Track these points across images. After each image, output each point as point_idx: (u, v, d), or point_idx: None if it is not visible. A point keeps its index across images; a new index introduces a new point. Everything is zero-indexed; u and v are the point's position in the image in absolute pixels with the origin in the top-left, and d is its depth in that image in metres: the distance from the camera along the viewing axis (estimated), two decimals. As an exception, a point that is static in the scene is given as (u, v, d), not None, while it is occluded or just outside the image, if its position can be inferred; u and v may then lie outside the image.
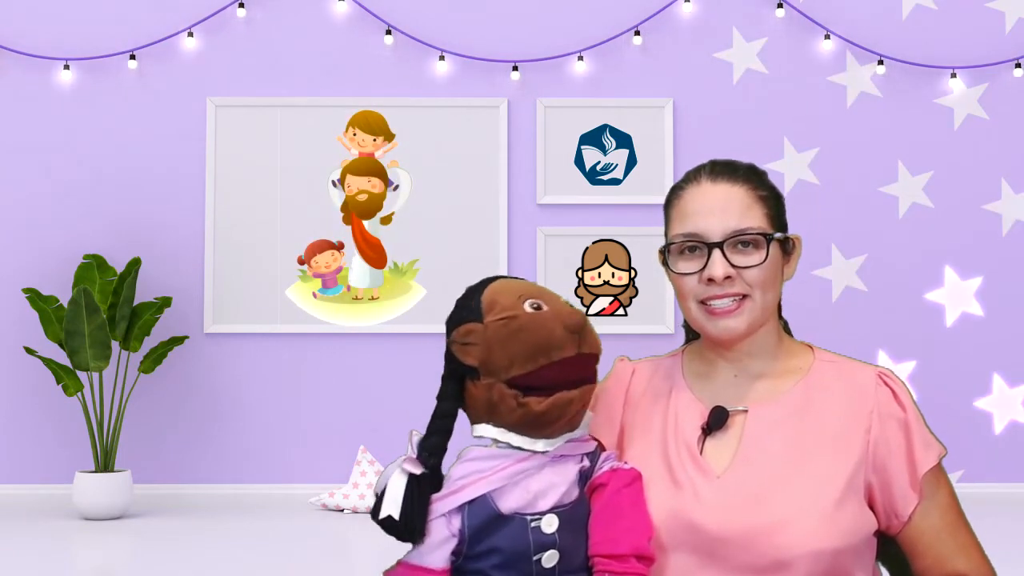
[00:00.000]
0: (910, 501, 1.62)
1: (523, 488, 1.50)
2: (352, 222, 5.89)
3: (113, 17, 5.90)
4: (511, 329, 1.51)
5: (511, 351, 1.50)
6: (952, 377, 5.85)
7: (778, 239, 1.66)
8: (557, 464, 1.53)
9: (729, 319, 1.64)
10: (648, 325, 5.84)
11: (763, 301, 1.64)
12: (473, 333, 1.53)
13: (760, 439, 1.62)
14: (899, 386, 1.66)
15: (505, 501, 1.49)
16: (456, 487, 1.50)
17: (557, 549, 1.49)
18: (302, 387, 5.85)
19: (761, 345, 1.68)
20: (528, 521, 1.49)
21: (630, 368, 1.78)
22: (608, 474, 1.55)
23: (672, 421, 1.68)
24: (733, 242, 1.63)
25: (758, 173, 1.70)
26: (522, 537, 1.48)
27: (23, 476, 5.77)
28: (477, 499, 1.49)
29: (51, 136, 5.85)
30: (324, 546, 4.66)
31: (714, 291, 1.63)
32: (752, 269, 1.63)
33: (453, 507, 1.49)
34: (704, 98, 5.92)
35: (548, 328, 1.50)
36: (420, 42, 5.93)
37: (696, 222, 1.64)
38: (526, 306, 1.52)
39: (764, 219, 1.65)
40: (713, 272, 1.62)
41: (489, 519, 1.48)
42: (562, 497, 1.51)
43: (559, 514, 1.50)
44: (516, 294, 1.54)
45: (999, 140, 5.91)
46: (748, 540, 1.54)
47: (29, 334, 5.67)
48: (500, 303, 1.54)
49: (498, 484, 1.49)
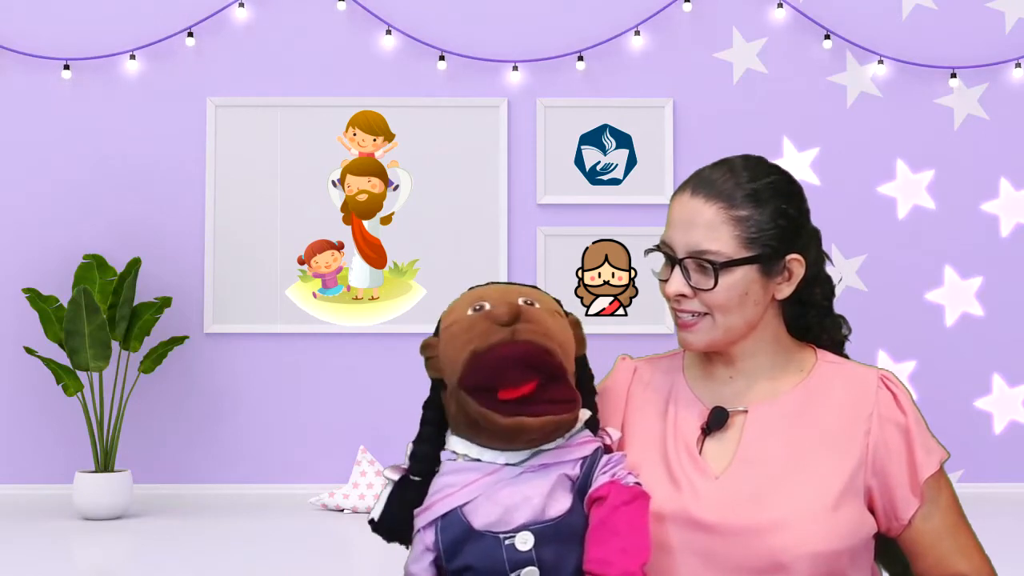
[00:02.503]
0: (911, 505, 1.61)
1: (493, 502, 1.47)
2: (352, 222, 5.89)
3: (113, 17, 5.90)
4: (450, 334, 1.52)
5: (450, 355, 1.51)
6: (952, 377, 5.84)
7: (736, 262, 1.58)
8: (534, 475, 1.49)
9: (688, 333, 1.64)
10: (648, 325, 5.84)
11: (725, 322, 1.62)
12: (430, 347, 1.56)
13: (760, 440, 1.62)
14: (900, 390, 1.65)
15: (476, 516, 1.47)
16: (430, 502, 1.50)
17: (536, 566, 1.45)
18: (302, 387, 5.85)
19: (755, 349, 1.67)
20: (501, 539, 1.45)
21: (631, 366, 1.78)
22: (607, 487, 1.49)
23: (672, 421, 1.67)
24: (693, 261, 1.60)
25: (746, 190, 1.61)
26: (495, 555, 1.45)
27: (23, 476, 5.76)
28: (449, 514, 1.48)
29: (51, 136, 5.85)
30: (324, 546, 4.66)
31: (675, 305, 1.64)
32: (707, 292, 1.60)
33: (427, 522, 1.49)
34: (704, 98, 5.91)
35: (476, 324, 1.50)
36: (420, 42, 5.93)
37: (669, 232, 1.64)
38: (468, 311, 1.52)
39: (732, 241, 1.59)
40: (667, 288, 1.62)
41: (461, 535, 1.46)
42: (542, 510, 1.46)
43: (537, 531, 1.45)
44: (469, 301, 1.55)
45: (999, 140, 5.91)
46: (746, 541, 1.54)
47: (29, 334, 5.66)
48: (451, 313, 1.56)
49: (467, 498, 1.47)
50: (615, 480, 1.50)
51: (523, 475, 1.49)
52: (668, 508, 1.58)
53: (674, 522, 1.57)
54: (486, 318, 1.50)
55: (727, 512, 1.56)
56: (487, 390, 1.47)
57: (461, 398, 1.49)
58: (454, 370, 1.50)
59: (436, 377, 1.56)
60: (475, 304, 1.53)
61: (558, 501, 1.48)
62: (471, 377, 1.48)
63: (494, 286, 1.59)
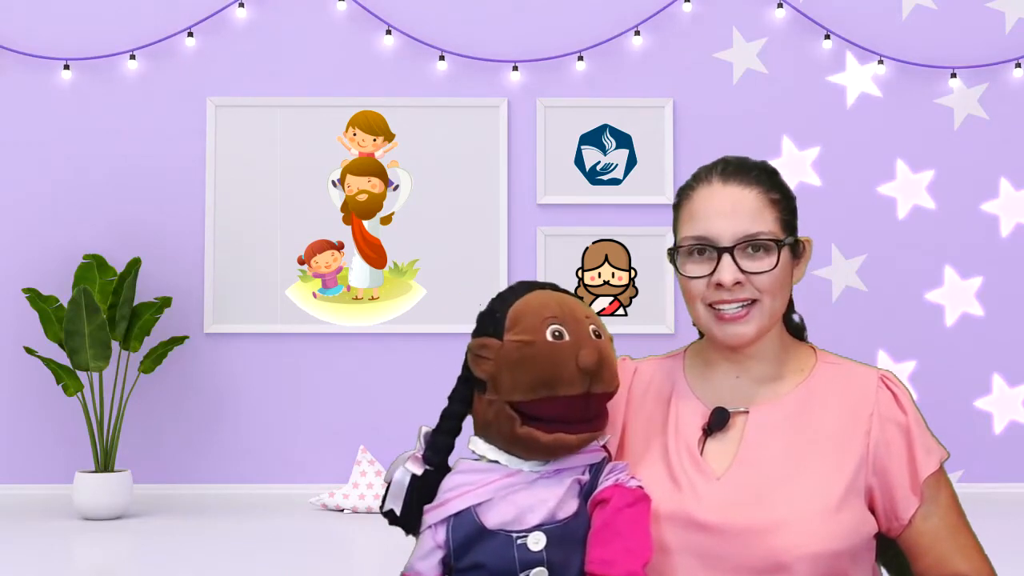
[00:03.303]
0: (911, 505, 1.61)
1: (509, 503, 1.48)
2: (352, 222, 5.89)
3: (113, 17, 5.90)
4: (524, 354, 1.48)
5: (517, 376, 1.47)
6: (952, 377, 5.84)
7: (788, 243, 1.63)
8: (549, 479, 1.50)
9: (738, 325, 1.62)
10: (648, 325, 5.84)
11: (772, 307, 1.63)
12: (488, 348, 1.51)
13: (761, 440, 1.62)
14: (901, 390, 1.65)
15: (490, 516, 1.47)
16: (443, 499, 1.50)
17: (545, 567, 1.46)
18: (302, 387, 5.85)
19: (765, 349, 1.67)
20: (514, 538, 1.46)
21: (632, 367, 1.78)
22: (611, 490, 1.51)
23: (673, 421, 1.67)
24: (743, 247, 1.60)
25: (771, 173, 1.67)
26: (507, 554, 1.46)
27: (23, 476, 5.77)
28: (462, 512, 1.48)
29: (51, 136, 5.85)
30: (324, 546, 4.66)
31: (723, 295, 1.61)
32: (762, 275, 1.60)
33: (439, 519, 1.49)
34: (704, 98, 5.91)
35: (559, 363, 1.47)
36: (420, 42, 5.93)
37: (706, 225, 1.61)
38: (548, 333, 1.48)
39: (775, 223, 1.62)
40: (722, 277, 1.59)
41: (473, 533, 1.47)
42: (553, 513, 1.48)
43: (548, 531, 1.47)
44: (543, 315, 1.50)
45: (999, 140, 5.91)
46: (747, 541, 1.54)
47: (29, 334, 5.67)
48: (523, 323, 1.50)
49: (484, 498, 1.48)
50: (619, 484, 1.52)
51: (539, 480, 1.50)
52: (668, 508, 1.58)
53: (674, 522, 1.57)
54: (570, 355, 1.46)
55: (728, 513, 1.56)
56: (541, 420, 1.48)
57: (507, 413, 1.48)
58: (514, 390, 1.47)
59: (479, 377, 1.52)
60: (552, 327, 1.49)
61: (567, 504, 1.50)
62: (534, 409, 1.47)
63: (557, 296, 1.55)
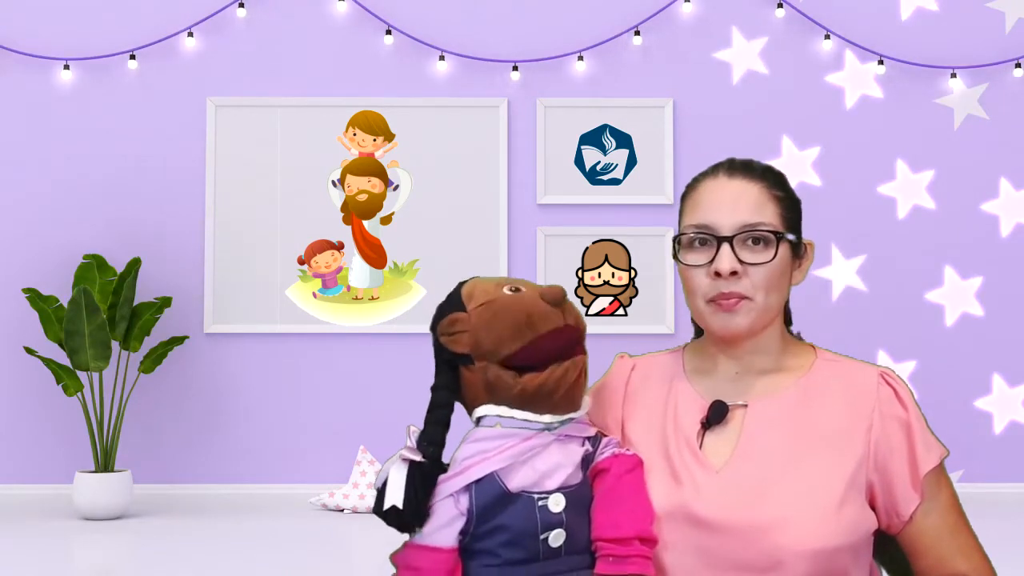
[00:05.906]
0: (911, 501, 1.61)
1: (530, 467, 1.52)
2: (352, 222, 5.89)
3: (113, 17, 5.90)
4: (494, 310, 1.54)
5: (497, 332, 1.52)
6: (952, 377, 5.84)
7: (789, 241, 1.65)
8: (563, 444, 1.55)
9: (731, 315, 1.62)
10: (648, 325, 5.84)
11: (765, 303, 1.63)
12: (458, 322, 1.56)
13: (760, 434, 1.62)
14: (901, 386, 1.65)
15: (512, 480, 1.51)
16: (463, 467, 1.51)
17: (564, 528, 1.50)
18: (302, 387, 5.85)
19: (765, 344, 1.68)
20: (535, 500, 1.50)
21: (630, 364, 1.78)
22: (610, 459, 1.57)
23: (672, 415, 1.68)
24: (743, 237, 1.62)
25: (776, 174, 1.70)
26: (529, 515, 1.50)
27: (23, 476, 5.77)
28: (484, 478, 1.50)
29: (51, 136, 5.85)
30: (324, 546, 4.66)
31: (720, 288, 1.62)
32: (760, 267, 1.61)
33: (460, 487, 1.50)
34: (704, 98, 5.92)
35: (528, 304, 1.53)
36: (420, 42, 5.93)
37: (707, 214, 1.64)
38: (504, 290, 1.56)
39: (777, 218, 1.64)
40: (720, 265, 1.60)
41: (497, 497, 1.50)
42: (568, 478, 1.53)
43: (566, 494, 1.52)
44: (493, 283, 1.58)
45: (999, 140, 5.91)
46: (747, 536, 1.54)
47: (29, 334, 5.67)
48: (478, 293, 1.57)
49: (505, 463, 1.51)
50: (617, 454, 1.59)
51: (553, 444, 1.54)
52: (668, 505, 1.58)
53: (673, 520, 1.57)
54: (534, 296, 1.54)
55: (727, 509, 1.56)
56: (532, 369, 1.52)
57: (501, 373, 1.52)
58: (500, 346, 1.52)
59: (461, 352, 1.55)
60: (508, 286, 1.56)
61: (576, 472, 1.55)
62: (524, 358, 1.52)
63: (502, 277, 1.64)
